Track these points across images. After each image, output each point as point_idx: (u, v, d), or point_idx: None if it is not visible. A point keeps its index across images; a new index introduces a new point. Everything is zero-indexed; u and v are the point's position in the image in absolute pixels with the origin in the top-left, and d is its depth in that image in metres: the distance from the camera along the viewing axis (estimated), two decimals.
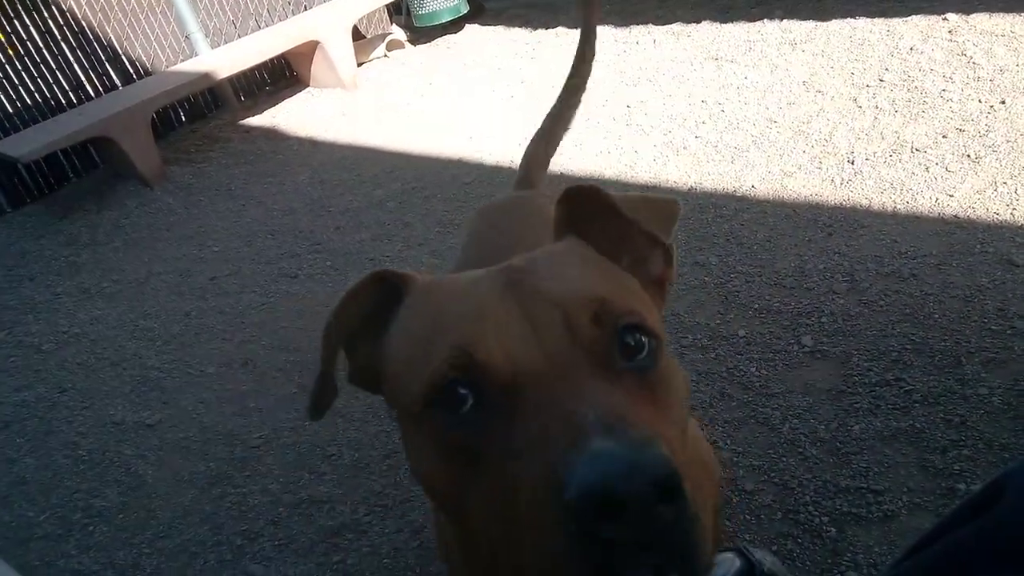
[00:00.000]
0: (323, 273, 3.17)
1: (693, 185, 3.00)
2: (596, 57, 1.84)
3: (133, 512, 2.20)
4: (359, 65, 5.44)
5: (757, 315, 2.27)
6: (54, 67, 4.80)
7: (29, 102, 4.70)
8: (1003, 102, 2.86)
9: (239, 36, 5.47)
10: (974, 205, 2.42)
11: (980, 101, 2.92)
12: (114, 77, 5.05)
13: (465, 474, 0.67)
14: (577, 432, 0.58)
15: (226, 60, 4.89)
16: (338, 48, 5.17)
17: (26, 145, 4.14)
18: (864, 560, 1.55)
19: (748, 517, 1.69)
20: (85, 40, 4.90)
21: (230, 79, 5.12)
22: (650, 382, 0.70)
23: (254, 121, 5.18)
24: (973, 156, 2.63)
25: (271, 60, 5.31)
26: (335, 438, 2.27)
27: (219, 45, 5.34)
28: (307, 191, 3.99)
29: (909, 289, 2.18)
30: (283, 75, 5.72)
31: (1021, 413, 1.75)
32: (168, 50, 5.27)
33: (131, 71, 5.12)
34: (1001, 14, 3.47)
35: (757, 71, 3.71)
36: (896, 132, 2.91)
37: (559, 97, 1.87)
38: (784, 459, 1.80)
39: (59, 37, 4.79)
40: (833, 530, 1.63)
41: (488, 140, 3.92)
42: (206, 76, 4.73)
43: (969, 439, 1.73)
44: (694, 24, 4.46)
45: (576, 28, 4.93)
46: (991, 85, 2.99)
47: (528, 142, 1.88)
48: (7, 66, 4.61)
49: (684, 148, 3.27)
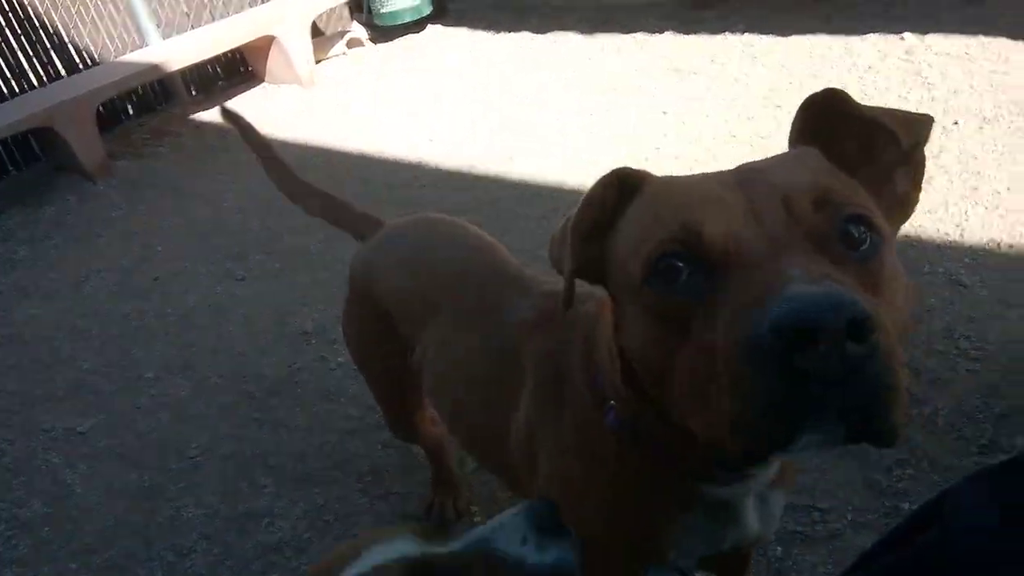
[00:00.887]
0: (273, 275, 3.07)
1: None
2: None
3: (60, 524, 2.10)
4: (317, 62, 5.33)
5: None
6: None
7: None
8: (956, 123, 2.91)
9: (193, 28, 5.32)
10: (925, 225, 2.44)
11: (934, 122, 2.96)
12: (59, 66, 4.84)
13: (674, 341, 0.71)
14: (780, 283, 0.61)
15: (178, 52, 4.74)
16: (296, 44, 5.05)
17: None
18: None
19: None
20: (30, 26, 4.69)
21: (182, 72, 4.97)
22: (871, 273, 0.70)
23: (205, 116, 5.03)
24: (925, 176, 2.66)
25: (225, 54, 5.17)
26: (278, 448, 2.20)
27: (171, 36, 5.19)
28: (259, 190, 3.86)
29: None
30: (238, 70, 5.57)
31: (965, 434, 1.77)
32: (117, 40, 5.08)
33: (77, 60, 4.92)
34: (956, 35, 3.54)
35: (718, 84, 3.73)
36: None
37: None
38: None
39: (1, 22, 4.59)
40: (779, 548, 1.63)
41: (448, 143, 3.86)
42: (156, 67, 4.58)
43: (914, 458, 1.74)
44: (658, 34, 4.47)
45: (541, 33, 4.96)
46: (945, 106, 3.04)
47: None
48: None
49: (645, 159, 3.25)
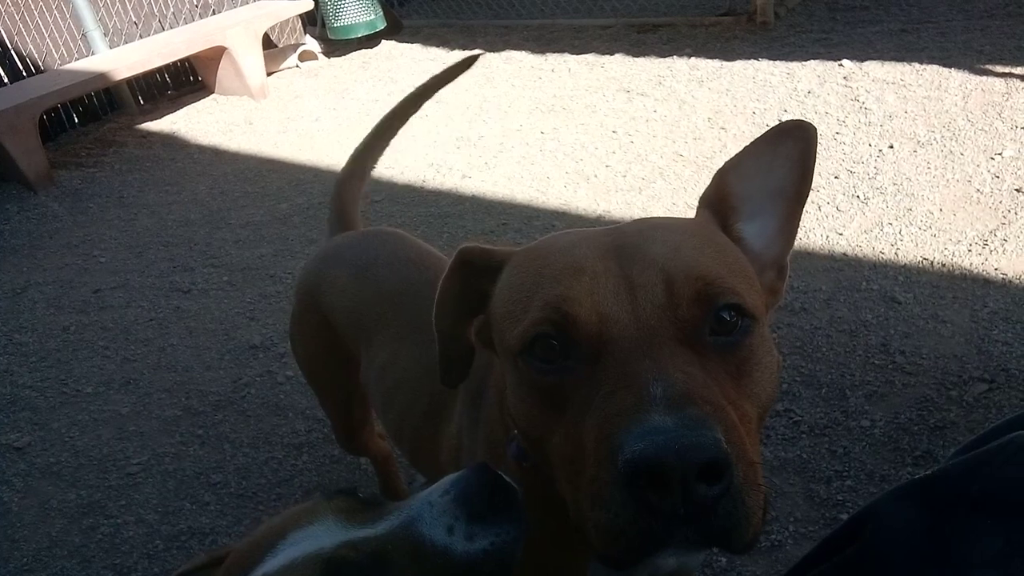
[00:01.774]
0: (218, 288, 3.01)
1: (602, 213, 3.03)
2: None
3: None
4: (269, 74, 5.28)
5: None
6: None
7: None
8: (891, 146, 3.03)
9: (141, 37, 5.23)
10: (861, 244, 2.53)
11: (870, 145, 3.08)
12: (1, 73, 4.72)
13: (550, 416, 0.74)
14: (641, 402, 0.63)
15: (125, 60, 4.64)
16: (247, 55, 5.00)
17: None
18: None
19: None
20: None
21: (129, 81, 4.89)
22: (739, 359, 0.73)
23: (153, 126, 4.94)
24: (862, 197, 2.77)
25: (174, 63, 5.10)
26: (221, 465, 2.15)
27: (119, 45, 5.08)
28: (206, 202, 3.82)
29: (800, 323, 2.26)
30: (187, 80, 5.50)
31: (901, 445, 1.83)
32: (63, 47, 4.98)
33: (20, 67, 4.81)
34: (892, 63, 3.70)
35: (665, 105, 3.82)
36: None
37: (378, 131, 1.69)
38: None
39: None
40: (723, 560, 1.65)
41: (400, 158, 3.86)
42: (102, 76, 4.48)
43: (852, 470, 1.79)
44: (608, 56, 4.56)
45: (494, 51, 5.00)
46: (881, 130, 3.17)
47: (341, 178, 1.70)
48: None
49: (594, 176, 3.31)
